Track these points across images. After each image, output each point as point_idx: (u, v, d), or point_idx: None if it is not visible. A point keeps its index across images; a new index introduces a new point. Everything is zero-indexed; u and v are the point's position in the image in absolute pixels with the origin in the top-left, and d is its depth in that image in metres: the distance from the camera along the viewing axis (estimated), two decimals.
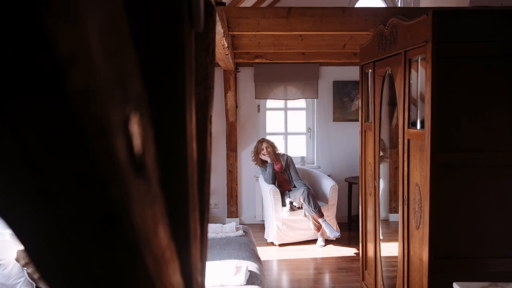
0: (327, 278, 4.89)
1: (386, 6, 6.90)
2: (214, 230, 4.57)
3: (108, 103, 0.28)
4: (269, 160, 5.87)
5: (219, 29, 2.75)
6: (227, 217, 6.58)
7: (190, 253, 0.65)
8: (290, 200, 5.66)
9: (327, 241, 5.72)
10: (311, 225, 5.62)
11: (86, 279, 0.37)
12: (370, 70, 3.69)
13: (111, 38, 0.28)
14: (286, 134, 6.90)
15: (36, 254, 0.36)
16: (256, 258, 3.94)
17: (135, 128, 0.33)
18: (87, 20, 0.25)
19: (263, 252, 5.11)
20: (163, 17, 0.56)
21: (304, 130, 6.91)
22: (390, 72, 3.23)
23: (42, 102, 0.25)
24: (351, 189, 6.28)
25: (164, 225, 0.45)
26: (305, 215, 5.59)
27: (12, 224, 0.33)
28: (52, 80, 0.24)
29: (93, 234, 0.32)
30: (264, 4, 6.28)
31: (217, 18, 2.40)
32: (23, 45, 0.23)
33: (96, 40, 0.26)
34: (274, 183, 5.80)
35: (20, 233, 0.34)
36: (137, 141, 0.33)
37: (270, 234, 5.72)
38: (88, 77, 0.25)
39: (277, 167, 5.94)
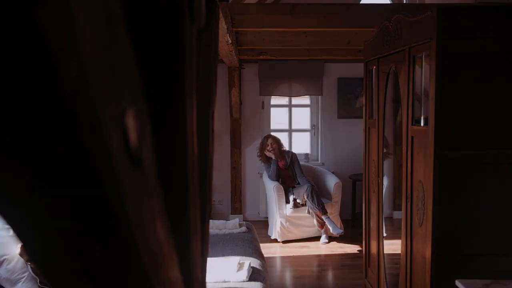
0: (330, 275, 4.89)
1: (391, 2, 6.88)
2: (217, 227, 4.58)
3: (101, 97, 0.28)
4: (273, 157, 5.86)
5: (222, 25, 2.74)
6: (231, 214, 6.59)
7: (190, 248, 0.65)
8: (294, 197, 5.66)
9: (331, 238, 5.72)
10: (314, 222, 5.62)
11: (82, 273, 0.37)
12: (375, 67, 3.67)
13: (105, 31, 0.28)
14: (290, 131, 6.89)
15: (33, 249, 0.36)
16: (259, 255, 3.94)
17: (131, 122, 0.33)
18: (79, 12, 0.25)
19: (266, 248, 5.11)
20: (162, 12, 0.56)
21: (308, 127, 6.91)
22: (394, 68, 3.22)
23: (35, 95, 0.25)
24: (355, 186, 6.26)
25: (162, 220, 0.45)
26: (308, 212, 5.59)
27: (9, 219, 0.33)
28: (44, 73, 0.24)
29: (88, 229, 0.32)
30: (268, 1, 6.27)
31: (221, 15, 2.40)
32: (14, 38, 0.23)
33: (89, 33, 0.26)
34: (277, 180, 5.80)
35: (17, 228, 0.34)
36: (133, 135, 0.33)
37: (274, 230, 5.73)
38: (81, 70, 0.25)
39: (281, 164, 5.93)
